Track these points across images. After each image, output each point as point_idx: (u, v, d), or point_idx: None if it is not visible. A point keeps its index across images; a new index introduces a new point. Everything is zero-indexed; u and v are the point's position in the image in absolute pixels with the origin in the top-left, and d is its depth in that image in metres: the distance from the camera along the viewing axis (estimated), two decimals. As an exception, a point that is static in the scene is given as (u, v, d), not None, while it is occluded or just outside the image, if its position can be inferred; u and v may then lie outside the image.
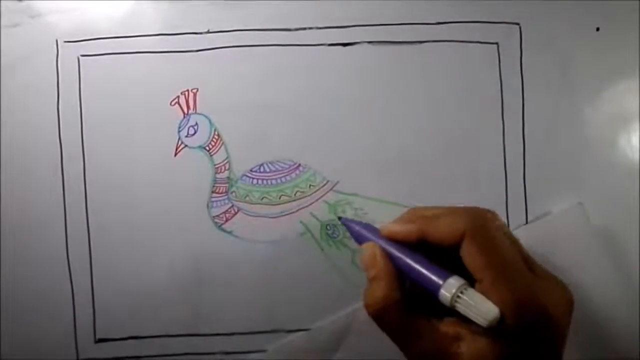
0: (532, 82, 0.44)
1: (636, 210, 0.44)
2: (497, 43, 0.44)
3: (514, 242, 0.32)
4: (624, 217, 0.44)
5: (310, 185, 0.44)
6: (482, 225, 0.31)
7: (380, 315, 0.32)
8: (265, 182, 0.44)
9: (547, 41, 0.44)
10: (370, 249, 0.34)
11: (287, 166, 0.44)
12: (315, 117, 0.44)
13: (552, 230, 0.43)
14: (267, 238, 0.44)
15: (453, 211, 0.32)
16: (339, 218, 0.40)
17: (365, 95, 0.44)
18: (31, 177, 0.44)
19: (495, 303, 0.28)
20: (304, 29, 0.44)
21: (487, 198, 0.44)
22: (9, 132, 0.44)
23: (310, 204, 0.44)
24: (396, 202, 0.44)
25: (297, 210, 0.44)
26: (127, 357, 0.44)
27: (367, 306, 0.32)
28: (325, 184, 0.44)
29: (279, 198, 0.44)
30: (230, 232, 0.43)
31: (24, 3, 0.44)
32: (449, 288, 0.29)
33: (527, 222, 0.44)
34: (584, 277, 0.42)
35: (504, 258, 0.30)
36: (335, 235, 0.44)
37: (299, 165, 0.44)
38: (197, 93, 0.44)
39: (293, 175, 0.44)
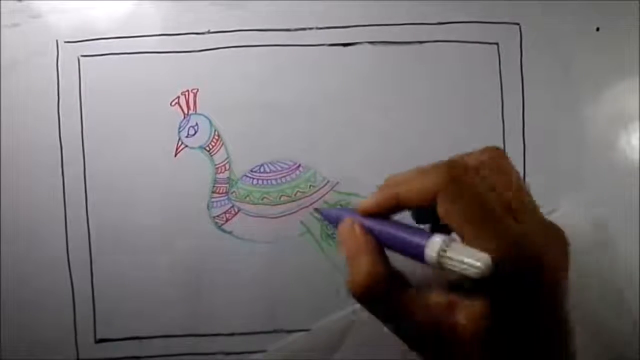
0: (532, 82, 0.44)
1: (636, 210, 0.44)
2: (497, 43, 0.44)
3: (500, 187, 0.29)
4: (624, 217, 0.44)
5: (310, 186, 0.44)
6: (454, 178, 0.28)
7: (367, 295, 0.29)
8: (265, 182, 0.44)
9: (547, 41, 0.44)
10: (347, 224, 0.31)
11: (287, 166, 0.44)
12: (316, 117, 0.44)
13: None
14: (268, 238, 0.44)
15: (424, 170, 0.30)
16: (316, 210, 0.39)
17: (365, 95, 0.44)
18: (31, 177, 0.43)
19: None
20: (305, 29, 0.44)
21: (487, 198, 0.44)
22: (9, 132, 0.44)
23: (311, 204, 0.44)
24: (396, 202, 0.44)
25: (297, 211, 0.44)
26: (127, 358, 0.44)
27: (351, 287, 0.29)
28: (325, 184, 0.44)
29: (279, 198, 0.44)
30: (230, 233, 0.43)
31: (24, 3, 0.44)
32: (433, 246, 0.27)
33: (527, 222, 0.44)
34: (583, 277, 0.42)
35: (482, 209, 0.28)
36: (335, 236, 0.44)
37: (299, 165, 0.44)
38: (198, 93, 0.44)
39: (293, 175, 0.44)
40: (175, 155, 0.44)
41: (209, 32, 0.44)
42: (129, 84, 0.44)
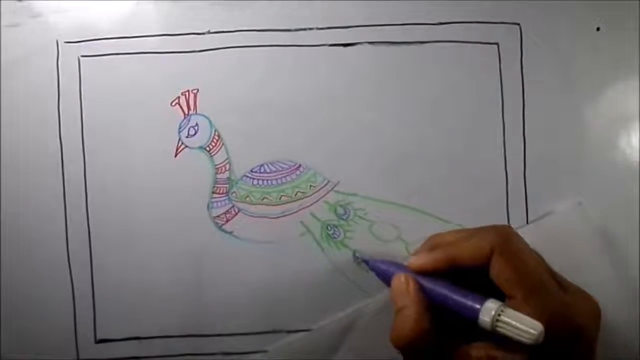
0: (532, 82, 0.44)
1: (636, 210, 0.44)
2: (497, 43, 0.44)
3: (541, 258, 0.32)
4: (624, 217, 0.44)
5: (310, 186, 0.44)
6: (507, 241, 0.31)
7: (409, 349, 0.31)
8: (265, 182, 0.44)
9: (547, 41, 0.44)
10: (402, 278, 0.33)
11: (287, 166, 0.44)
12: (316, 117, 0.44)
13: (552, 230, 0.43)
14: (268, 238, 0.44)
15: (476, 232, 0.32)
16: (363, 261, 0.40)
17: (365, 95, 0.44)
18: (31, 177, 0.43)
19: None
20: (305, 29, 0.44)
21: (487, 198, 0.44)
22: (9, 132, 0.44)
23: (311, 205, 0.44)
24: (396, 202, 0.44)
25: (297, 211, 0.44)
26: (127, 358, 0.43)
27: (395, 337, 0.31)
28: (325, 184, 0.44)
29: (280, 198, 0.44)
30: (230, 233, 0.43)
31: (24, 3, 0.44)
32: (488, 312, 0.29)
33: (527, 222, 0.44)
34: (583, 277, 0.41)
35: (533, 273, 0.30)
36: (335, 236, 0.44)
37: (300, 165, 0.44)
38: (198, 93, 0.44)
39: (293, 175, 0.44)
40: (175, 155, 0.44)
41: (209, 32, 0.44)
42: (129, 84, 0.44)
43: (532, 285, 0.29)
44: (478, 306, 0.29)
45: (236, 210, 0.44)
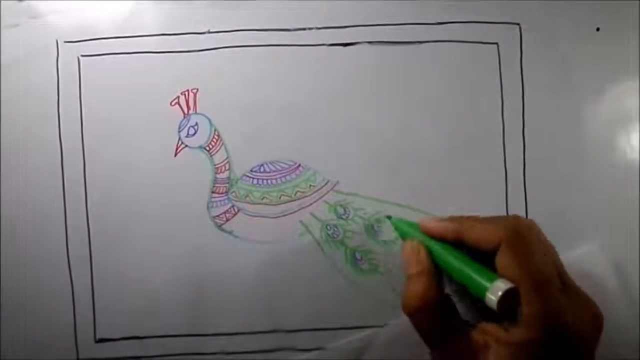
0: (532, 82, 0.44)
1: (636, 210, 0.44)
2: (497, 43, 0.44)
3: (550, 253, 0.32)
4: (623, 217, 0.44)
5: (310, 186, 0.44)
6: (519, 236, 0.31)
7: (417, 313, 0.32)
8: (265, 182, 0.44)
9: (547, 41, 0.44)
10: (414, 244, 0.34)
11: (287, 166, 0.44)
12: (315, 117, 0.44)
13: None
14: (268, 238, 0.44)
15: (492, 219, 0.33)
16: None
17: (365, 95, 0.44)
18: (31, 177, 0.43)
19: (525, 314, 0.29)
20: (304, 29, 0.44)
21: (487, 198, 0.44)
22: (9, 132, 0.44)
23: (311, 204, 0.44)
24: (396, 202, 0.44)
25: (297, 211, 0.44)
26: (127, 357, 0.44)
27: (405, 302, 0.33)
28: (325, 184, 0.44)
29: (279, 198, 0.44)
30: (230, 232, 0.43)
31: (24, 3, 0.44)
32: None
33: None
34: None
35: (538, 272, 0.30)
36: (335, 235, 0.44)
37: (299, 165, 0.44)
38: (197, 93, 0.44)
39: (293, 175, 0.44)
40: (175, 155, 0.44)
41: (209, 32, 0.44)
42: (129, 84, 0.44)
43: (533, 283, 0.30)
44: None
45: (236, 210, 0.44)
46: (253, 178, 0.44)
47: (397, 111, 0.44)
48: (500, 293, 0.29)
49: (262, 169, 0.44)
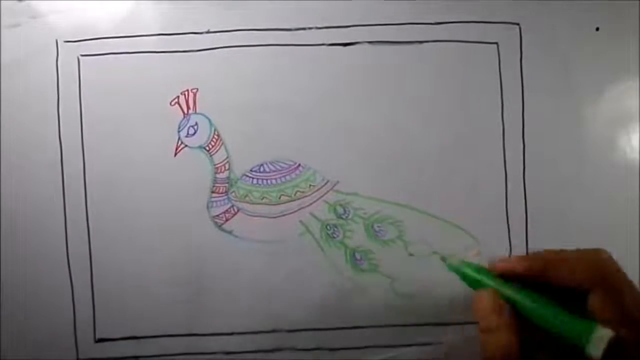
0: (532, 82, 0.44)
1: (636, 210, 0.44)
2: (497, 43, 0.44)
3: (633, 287, 0.32)
4: (624, 217, 0.44)
5: (310, 185, 0.44)
6: (611, 276, 0.31)
7: None
8: (265, 182, 0.44)
9: (547, 41, 0.44)
10: (491, 294, 0.33)
11: (287, 166, 0.44)
12: (315, 117, 0.44)
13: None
14: (267, 238, 0.44)
15: (574, 255, 0.33)
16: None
17: (365, 95, 0.44)
18: (31, 177, 0.44)
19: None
20: (304, 29, 0.44)
21: (487, 198, 0.44)
22: (9, 131, 0.44)
23: (311, 204, 0.44)
24: (396, 202, 0.44)
25: (297, 210, 0.44)
26: (126, 357, 0.44)
27: (489, 358, 0.32)
28: (325, 184, 0.44)
29: (279, 198, 0.44)
30: (230, 232, 0.43)
31: (24, 3, 0.44)
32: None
33: (527, 222, 0.44)
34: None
35: (631, 312, 0.30)
36: (335, 235, 0.44)
37: (299, 165, 0.44)
38: (197, 93, 0.44)
39: (293, 175, 0.44)
40: (175, 154, 0.44)
41: (208, 32, 0.44)
42: (129, 84, 0.44)
43: (628, 326, 0.30)
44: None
45: (235, 210, 0.44)
46: (253, 178, 0.44)
47: (396, 111, 0.44)
48: (605, 342, 0.29)
49: (262, 169, 0.44)
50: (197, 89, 0.44)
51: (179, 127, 0.44)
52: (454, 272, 0.37)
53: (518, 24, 0.44)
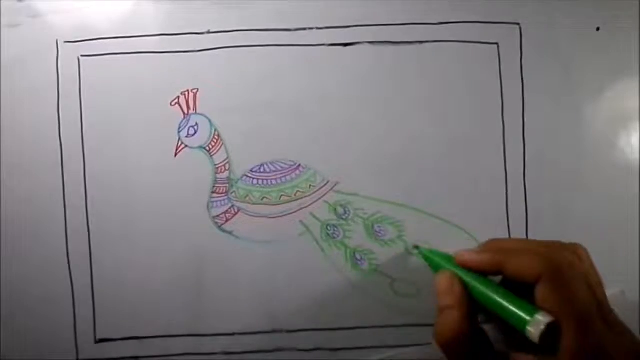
0: (532, 82, 0.44)
1: (636, 210, 0.44)
2: (497, 43, 0.44)
3: (594, 286, 0.32)
4: (623, 217, 0.44)
5: (310, 186, 0.44)
6: (559, 269, 0.31)
7: (450, 346, 0.32)
8: (265, 182, 0.44)
9: (547, 41, 0.44)
10: (448, 276, 0.34)
11: (287, 166, 0.44)
12: (315, 117, 0.44)
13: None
14: (268, 238, 0.44)
15: (533, 249, 0.33)
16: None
17: (365, 95, 0.44)
18: (31, 177, 0.43)
19: (564, 349, 0.29)
20: (304, 29, 0.44)
21: (487, 198, 0.44)
22: (9, 131, 0.44)
23: (311, 204, 0.44)
24: (396, 202, 0.44)
25: (297, 211, 0.44)
26: (127, 358, 0.43)
27: (439, 334, 0.33)
28: (325, 184, 0.44)
29: (279, 198, 0.44)
30: (230, 233, 0.43)
31: (24, 3, 0.44)
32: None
33: (527, 222, 0.44)
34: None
35: (578, 306, 0.30)
36: (335, 235, 0.44)
37: (299, 165, 0.44)
38: (198, 93, 0.44)
39: (293, 175, 0.44)
40: (175, 155, 0.44)
41: (208, 32, 0.44)
42: (129, 84, 0.44)
43: (573, 319, 0.30)
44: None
45: (236, 210, 0.44)
46: (253, 178, 0.44)
47: (397, 111, 0.44)
48: (542, 327, 0.29)
49: (262, 169, 0.44)
50: (198, 90, 0.44)
51: (179, 128, 0.44)
52: (424, 259, 0.40)
53: (518, 24, 0.44)
